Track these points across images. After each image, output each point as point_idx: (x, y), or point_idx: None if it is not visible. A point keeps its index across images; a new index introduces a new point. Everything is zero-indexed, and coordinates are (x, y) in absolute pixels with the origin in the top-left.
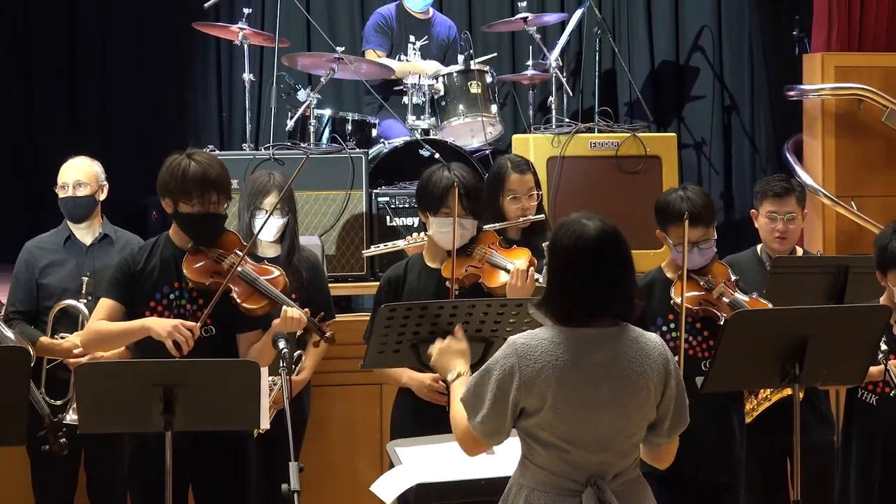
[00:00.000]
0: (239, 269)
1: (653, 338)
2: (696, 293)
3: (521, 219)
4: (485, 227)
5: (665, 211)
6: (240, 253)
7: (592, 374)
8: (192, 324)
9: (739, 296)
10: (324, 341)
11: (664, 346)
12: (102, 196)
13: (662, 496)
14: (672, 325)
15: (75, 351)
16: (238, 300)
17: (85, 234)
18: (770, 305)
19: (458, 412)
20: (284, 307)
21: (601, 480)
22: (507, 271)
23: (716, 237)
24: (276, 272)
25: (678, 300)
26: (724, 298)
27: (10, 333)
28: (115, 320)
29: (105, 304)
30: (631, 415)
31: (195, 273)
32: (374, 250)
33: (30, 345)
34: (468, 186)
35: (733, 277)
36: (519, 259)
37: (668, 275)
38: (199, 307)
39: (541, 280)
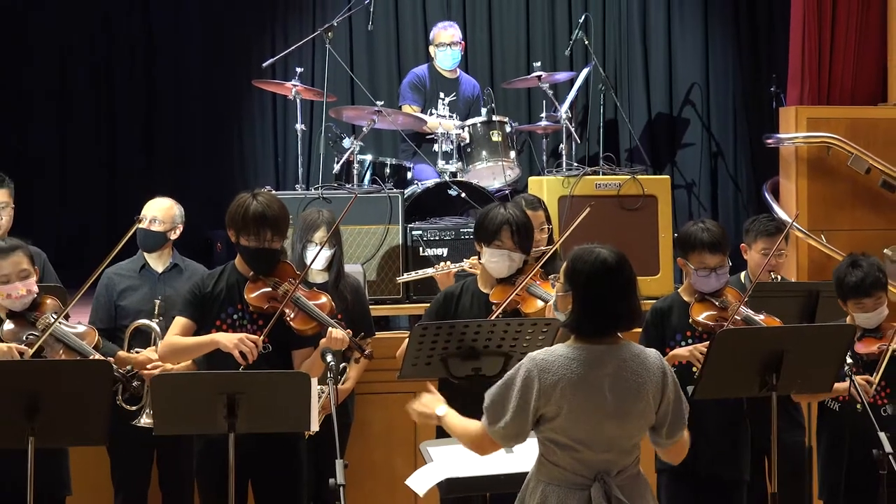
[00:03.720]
0: (292, 295)
1: (652, 353)
2: (713, 312)
3: (533, 249)
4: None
5: (687, 241)
6: (293, 282)
7: (601, 385)
8: (255, 336)
9: (752, 314)
10: (363, 357)
11: (662, 360)
12: (174, 235)
13: (679, 491)
14: (690, 342)
15: (149, 366)
16: (291, 322)
17: (157, 263)
18: (780, 322)
19: (462, 430)
20: (330, 328)
21: (607, 476)
22: (545, 301)
23: (730, 264)
24: (323, 298)
25: (697, 318)
26: (738, 316)
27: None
28: (188, 335)
29: (179, 321)
30: (633, 420)
31: (254, 299)
32: (408, 277)
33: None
34: (520, 224)
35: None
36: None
37: (686, 298)
38: (258, 327)
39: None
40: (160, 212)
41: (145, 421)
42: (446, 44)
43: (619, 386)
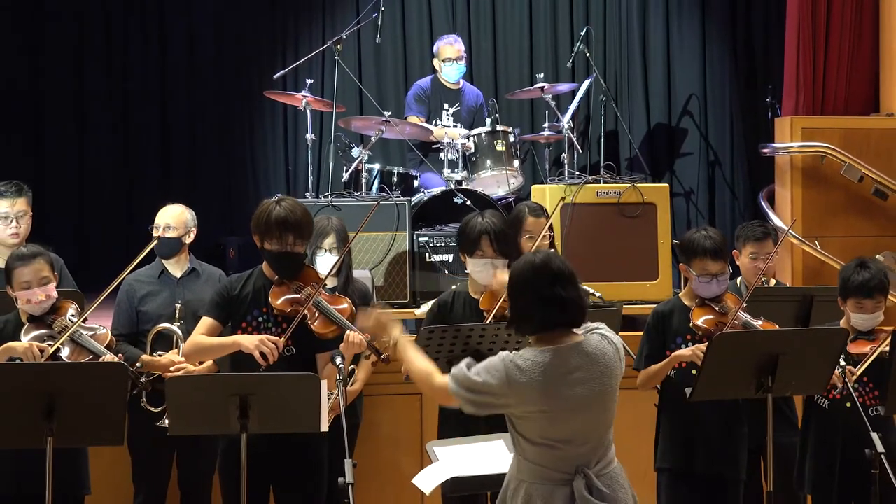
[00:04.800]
0: (314, 300)
1: (607, 343)
2: (713, 317)
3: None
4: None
5: (690, 248)
6: (316, 286)
7: (571, 381)
8: (276, 338)
9: (750, 319)
10: (381, 361)
11: (616, 344)
12: (189, 239)
13: (677, 489)
14: (690, 344)
15: (172, 368)
16: (312, 325)
17: (175, 268)
18: (777, 327)
19: (421, 369)
20: (348, 332)
21: (587, 469)
22: None
23: (730, 271)
24: (345, 304)
25: (698, 322)
26: (737, 321)
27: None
28: (213, 335)
29: (205, 321)
30: (605, 408)
31: (278, 302)
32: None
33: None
34: (498, 232)
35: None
36: None
37: (686, 302)
38: (282, 330)
39: None
40: (172, 218)
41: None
42: (452, 59)
43: (588, 379)
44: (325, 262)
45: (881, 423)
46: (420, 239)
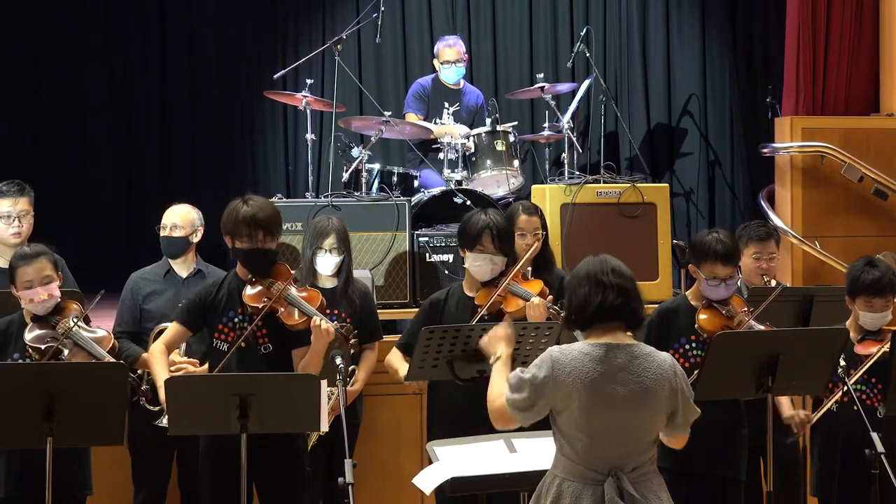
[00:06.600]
0: (284, 292)
1: (664, 354)
2: (719, 319)
3: (527, 252)
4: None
5: (700, 250)
6: (286, 280)
7: (612, 379)
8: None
9: (755, 324)
10: (352, 338)
11: (674, 361)
12: (196, 239)
13: (677, 489)
14: (694, 345)
15: (172, 367)
16: (283, 319)
17: (181, 268)
18: None
19: (495, 391)
20: (314, 319)
21: (620, 472)
22: (525, 299)
23: (740, 276)
24: (313, 293)
25: (704, 325)
26: (743, 325)
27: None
28: (177, 341)
29: (173, 326)
30: (645, 415)
31: (250, 299)
32: None
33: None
34: (500, 229)
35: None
36: (534, 290)
37: (693, 302)
38: (257, 328)
39: (550, 307)
40: (179, 217)
41: (166, 422)
42: (451, 62)
43: (630, 381)
44: (325, 262)
45: (885, 423)
46: (420, 239)
